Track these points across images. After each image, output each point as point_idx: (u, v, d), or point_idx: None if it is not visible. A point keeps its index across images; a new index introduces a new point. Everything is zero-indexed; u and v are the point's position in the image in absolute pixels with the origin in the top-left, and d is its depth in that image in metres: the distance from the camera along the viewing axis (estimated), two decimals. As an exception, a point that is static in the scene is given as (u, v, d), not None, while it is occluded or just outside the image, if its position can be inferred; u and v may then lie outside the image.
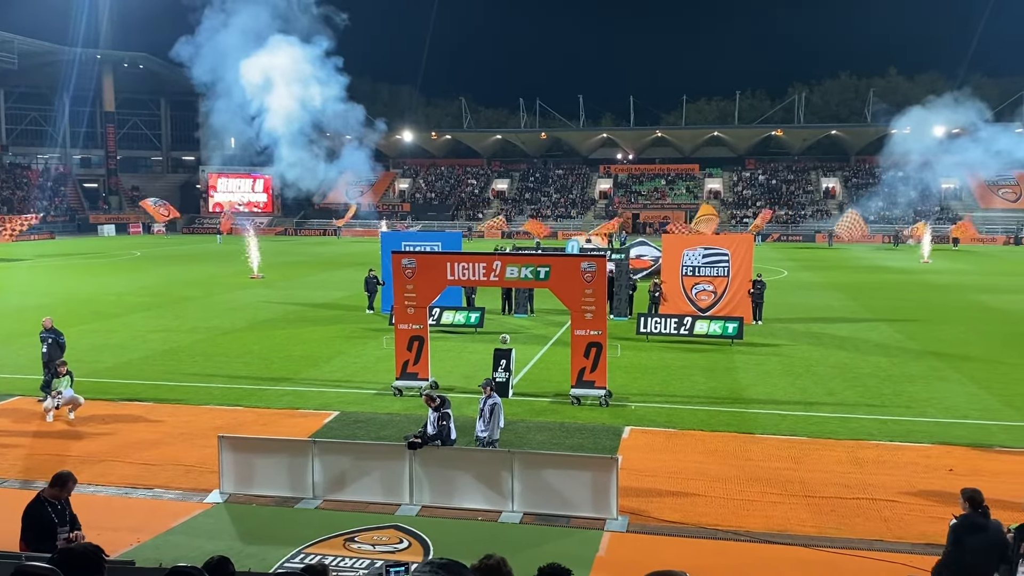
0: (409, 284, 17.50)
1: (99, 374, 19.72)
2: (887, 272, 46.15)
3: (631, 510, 11.46)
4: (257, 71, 53.92)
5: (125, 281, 40.04)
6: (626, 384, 18.70)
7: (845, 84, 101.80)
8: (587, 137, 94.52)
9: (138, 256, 56.46)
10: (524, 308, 29.09)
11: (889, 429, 15.48)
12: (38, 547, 7.80)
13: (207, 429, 14.98)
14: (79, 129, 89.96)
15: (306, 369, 20.56)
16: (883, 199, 78.97)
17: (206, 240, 73.37)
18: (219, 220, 78.72)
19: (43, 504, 8.27)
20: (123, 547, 10.15)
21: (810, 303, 32.59)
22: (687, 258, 27.36)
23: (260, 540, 10.71)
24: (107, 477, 12.96)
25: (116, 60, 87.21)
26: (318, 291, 36.16)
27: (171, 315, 29.06)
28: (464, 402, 16.35)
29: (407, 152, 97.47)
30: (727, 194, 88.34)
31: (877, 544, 10.56)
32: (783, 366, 20.96)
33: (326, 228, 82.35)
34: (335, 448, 12.43)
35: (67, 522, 8.39)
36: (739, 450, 14.29)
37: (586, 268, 16.54)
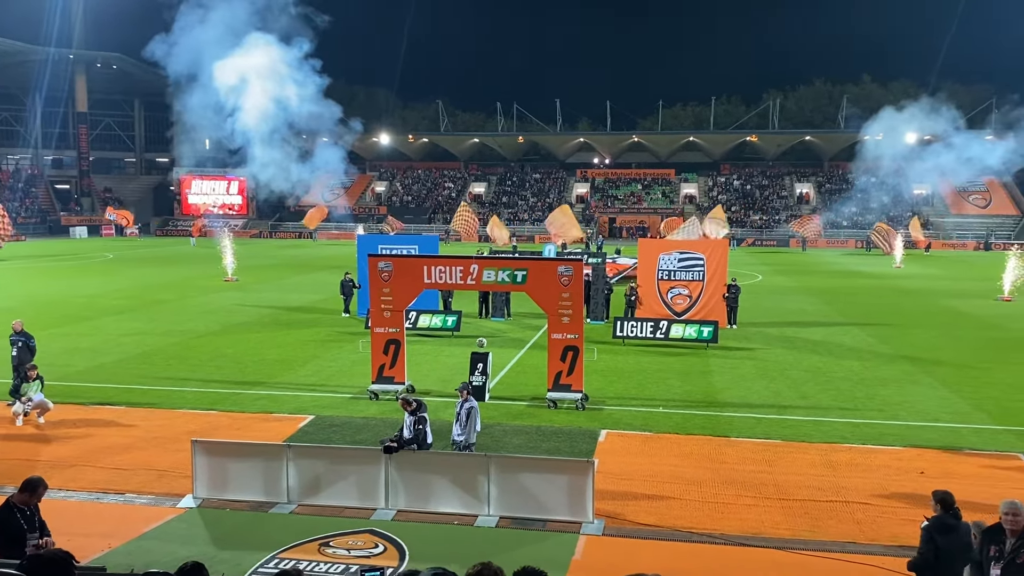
0: (385, 287, 17.45)
1: (70, 378, 19.47)
2: (860, 277, 46.66)
3: (607, 513, 11.48)
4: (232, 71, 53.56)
5: (97, 284, 39.57)
6: (602, 388, 18.75)
7: (819, 91, 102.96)
8: (564, 141, 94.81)
9: (111, 258, 55.84)
10: (501, 312, 29.10)
11: (862, 432, 15.64)
12: (7, 554, 7.67)
13: (180, 433, 14.83)
14: (51, 130, 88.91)
15: (281, 373, 20.42)
16: (856, 204, 79.87)
17: (180, 242, 72.74)
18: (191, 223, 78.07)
19: (12, 510, 8.14)
20: (94, 553, 10.03)
21: (784, 307, 32.87)
22: (663, 262, 27.51)
23: (234, 545, 10.62)
24: (78, 482, 12.79)
25: (89, 60, 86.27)
26: (293, 294, 35.94)
27: (144, 318, 28.76)
28: (441, 406, 16.33)
29: (384, 155, 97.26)
30: (702, 199, 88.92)
31: (850, 546, 10.67)
32: (757, 370, 21.11)
33: (301, 231, 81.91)
34: (310, 452, 12.35)
35: (37, 528, 8.26)
36: (714, 453, 14.37)
37: (563, 272, 16.57)
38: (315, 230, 79.80)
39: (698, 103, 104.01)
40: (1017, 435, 15.55)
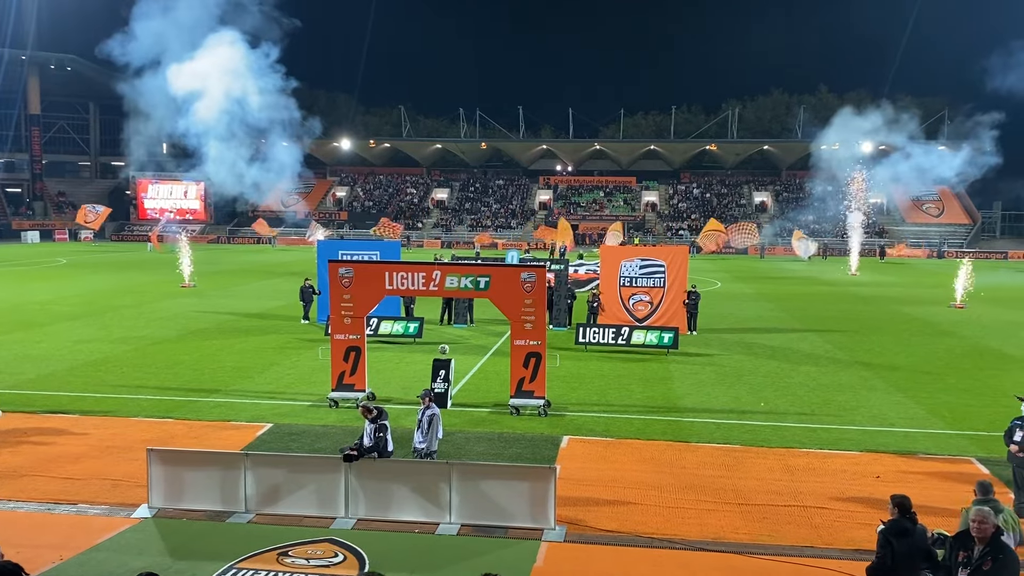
0: (346, 294, 17.31)
1: (21, 386, 19.02)
2: (816, 284, 47.38)
3: (569, 519, 11.49)
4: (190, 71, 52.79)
5: (50, 289, 38.73)
6: (564, 394, 18.78)
7: (777, 100, 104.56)
8: (527, 148, 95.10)
9: (64, 264, 54.70)
10: (463, 318, 29.04)
11: (819, 437, 15.85)
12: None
13: (135, 442, 14.57)
14: (3, 132, 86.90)
15: (238, 380, 20.14)
16: (812, 213, 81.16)
17: (136, 248, 71.52)
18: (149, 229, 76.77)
19: None
20: (45, 565, 9.80)
21: (743, 314, 33.25)
22: (624, 269, 27.67)
23: (190, 555, 10.43)
24: (28, 492, 12.48)
25: (43, 62, 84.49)
26: (251, 300, 35.51)
27: (98, 325, 28.20)
28: (402, 413, 16.23)
29: (345, 160, 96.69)
30: (663, 207, 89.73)
31: (807, 550, 10.79)
32: (717, 375, 21.31)
33: (260, 237, 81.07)
34: (268, 461, 12.18)
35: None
36: (674, 458, 14.46)
37: (526, 278, 16.59)
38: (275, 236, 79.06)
39: (659, 112, 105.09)
40: (970, 439, 15.87)
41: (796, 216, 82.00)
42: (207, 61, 52.75)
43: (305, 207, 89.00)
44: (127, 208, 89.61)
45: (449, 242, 79.29)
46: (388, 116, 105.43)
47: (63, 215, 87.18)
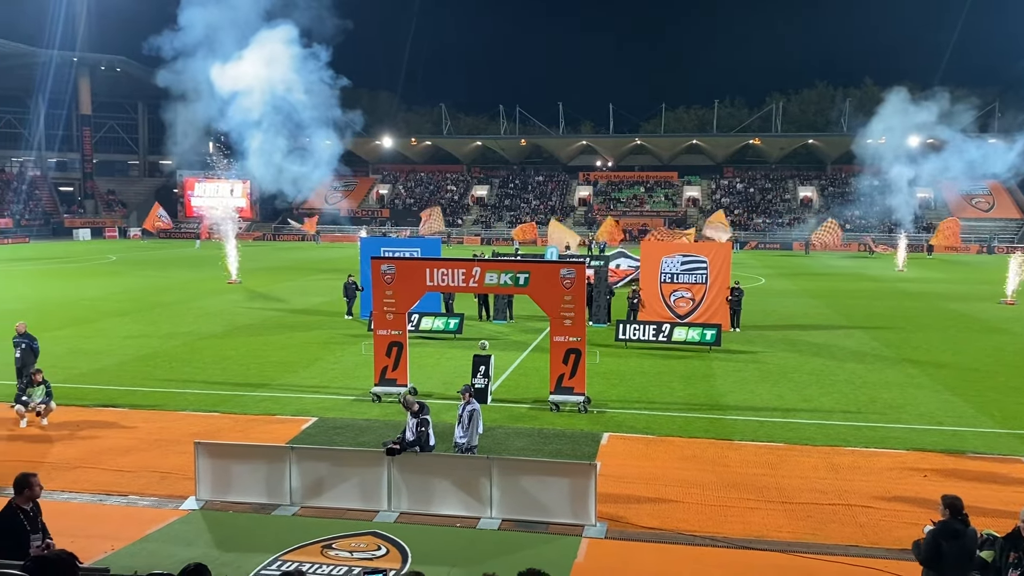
0: (388, 290, 17.46)
1: (73, 380, 19.51)
2: (863, 280, 46.62)
3: (609, 516, 11.48)
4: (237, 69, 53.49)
5: (101, 286, 39.63)
6: (605, 390, 18.75)
7: (822, 93, 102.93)
8: (567, 144, 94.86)
9: (114, 260, 55.91)
10: (503, 314, 29.11)
11: (864, 435, 15.63)
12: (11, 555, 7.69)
13: (183, 435, 14.86)
14: (55, 132, 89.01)
15: (284, 375, 20.44)
16: (859, 208, 79.82)
17: (183, 245, 72.84)
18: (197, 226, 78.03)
19: (15, 512, 8.16)
20: (97, 554, 10.05)
21: (787, 310, 32.85)
22: (665, 265, 27.50)
23: (236, 547, 10.63)
24: (81, 484, 12.82)
25: (93, 63, 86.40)
26: (296, 297, 35.97)
27: (147, 320, 28.80)
28: (443, 408, 16.34)
29: (386, 158, 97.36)
30: (705, 202, 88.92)
31: (852, 549, 10.66)
32: (760, 373, 21.10)
33: (304, 234, 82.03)
34: (313, 454, 12.36)
35: (40, 529, 8.28)
36: (717, 456, 14.37)
37: (565, 275, 16.58)
38: (317, 233, 79.89)
39: (701, 106, 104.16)
40: (1020, 439, 15.53)
41: (842, 211, 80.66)
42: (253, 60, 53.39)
43: (348, 205, 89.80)
44: (174, 206, 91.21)
45: (489, 239, 79.47)
46: (429, 114, 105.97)
47: (113, 213, 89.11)
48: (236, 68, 53.35)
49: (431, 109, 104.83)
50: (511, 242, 67.07)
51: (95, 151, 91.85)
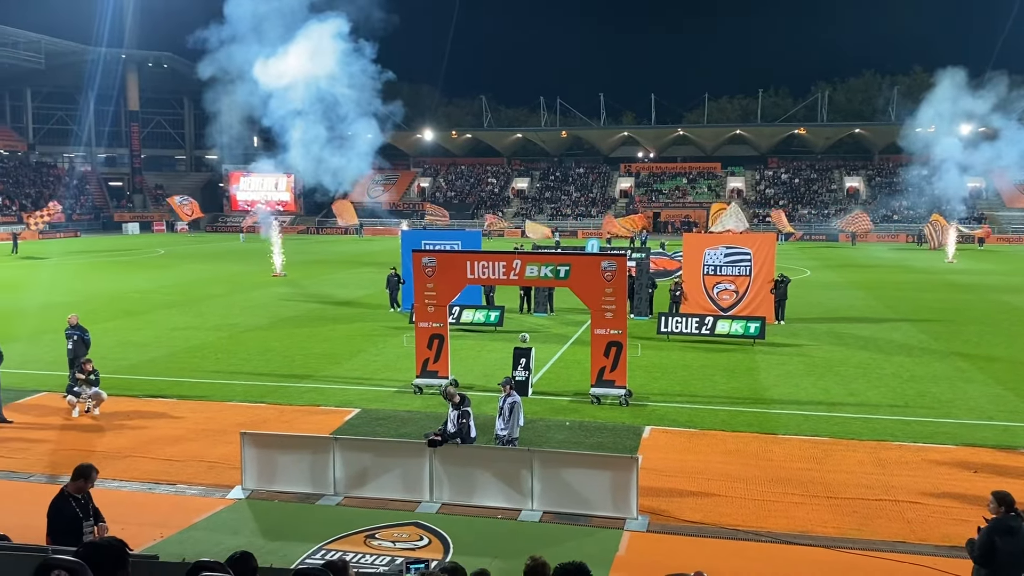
0: (430, 283, 17.55)
1: (123, 371, 19.93)
2: (911, 272, 45.73)
3: (651, 510, 11.43)
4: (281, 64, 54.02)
5: (149, 279, 40.43)
6: (646, 384, 18.65)
7: (869, 82, 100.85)
8: (608, 136, 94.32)
9: (162, 254, 56.99)
10: (543, 307, 29.09)
11: (912, 430, 15.34)
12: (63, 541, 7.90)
13: (229, 425, 15.11)
14: (104, 128, 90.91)
15: (327, 367, 20.68)
16: (907, 198, 78.20)
17: (229, 238, 73.94)
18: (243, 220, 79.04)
19: (67, 499, 8.37)
20: (147, 542, 10.26)
21: (833, 303, 32.36)
22: (708, 257, 27.23)
23: (282, 536, 10.79)
24: (131, 472, 13.10)
25: (140, 59, 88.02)
26: (339, 289, 36.34)
27: (194, 313, 29.32)
28: (484, 400, 16.39)
29: (427, 151, 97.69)
30: (749, 193, 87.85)
31: (899, 546, 10.48)
32: (805, 366, 20.82)
33: (347, 227, 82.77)
34: (356, 445, 12.49)
35: (91, 516, 8.48)
36: (761, 450, 14.22)
37: (606, 267, 16.51)
38: (360, 226, 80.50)
39: (745, 96, 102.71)
40: (1076, 434, 15.12)
41: (889, 201, 79.15)
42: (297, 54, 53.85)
43: (389, 198, 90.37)
44: (220, 200, 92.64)
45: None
46: (469, 107, 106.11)
47: (161, 207, 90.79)
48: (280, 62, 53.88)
49: (471, 102, 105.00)
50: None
51: (143, 146, 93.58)
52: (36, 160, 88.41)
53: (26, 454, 14.01)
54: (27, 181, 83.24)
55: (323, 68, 54.13)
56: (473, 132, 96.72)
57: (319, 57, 53.42)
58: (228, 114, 65.21)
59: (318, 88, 55.31)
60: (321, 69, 54.13)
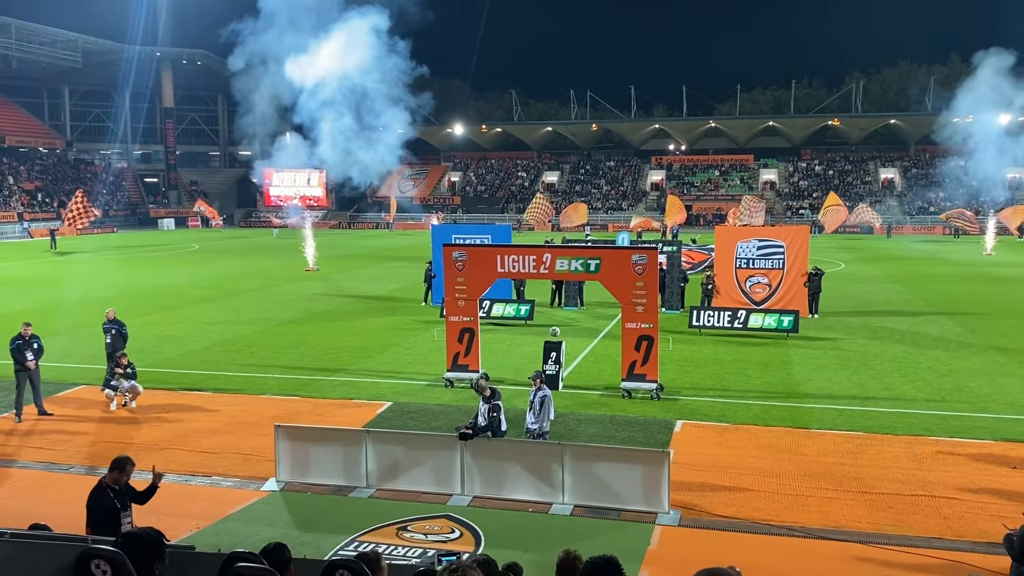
0: (460, 277, 17.60)
1: (160, 364, 20.24)
2: (947, 264, 45.00)
3: (683, 504, 11.39)
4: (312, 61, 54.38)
5: (185, 274, 40.98)
6: (678, 378, 18.57)
7: (905, 72, 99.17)
8: (639, 128, 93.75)
9: (196, 249, 57.70)
10: (574, 301, 29.04)
11: (949, 425, 15.12)
12: (102, 532, 8.05)
13: (264, 418, 15.29)
14: (139, 125, 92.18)
15: (360, 360, 20.83)
16: (944, 189, 76.91)
17: (262, 233, 74.65)
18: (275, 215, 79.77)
19: (105, 490, 8.52)
20: (183, 532, 10.42)
21: (867, 296, 31.95)
22: (741, 250, 27.00)
23: (315, 528, 10.91)
24: (168, 464, 13.25)
25: (175, 57, 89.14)
26: (371, 284, 36.57)
27: (229, 307, 29.67)
28: (514, 394, 16.41)
29: (458, 145, 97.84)
30: (782, 185, 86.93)
31: (936, 542, 10.34)
32: (840, 360, 20.59)
33: (378, 222, 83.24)
34: (388, 438, 12.58)
35: (129, 507, 8.63)
36: (794, 445, 14.10)
37: (637, 260, 16.44)
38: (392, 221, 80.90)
39: (778, 87, 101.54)
40: (1119, 430, 14.80)
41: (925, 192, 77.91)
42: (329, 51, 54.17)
43: (420, 193, 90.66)
44: (254, 196, 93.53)
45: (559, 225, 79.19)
46: (499, 101, 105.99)
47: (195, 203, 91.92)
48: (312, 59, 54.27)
49: (501, 95, 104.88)
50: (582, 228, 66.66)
51: (177, 143, 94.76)
52: (74, 157, 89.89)
53: (66, 446, 14.29)
54: (65, 178, 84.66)
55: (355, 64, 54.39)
56: (503, 126, 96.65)
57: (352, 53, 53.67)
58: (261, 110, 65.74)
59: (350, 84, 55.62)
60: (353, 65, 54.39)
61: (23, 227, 70.63)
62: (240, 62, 58.58)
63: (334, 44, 54.07)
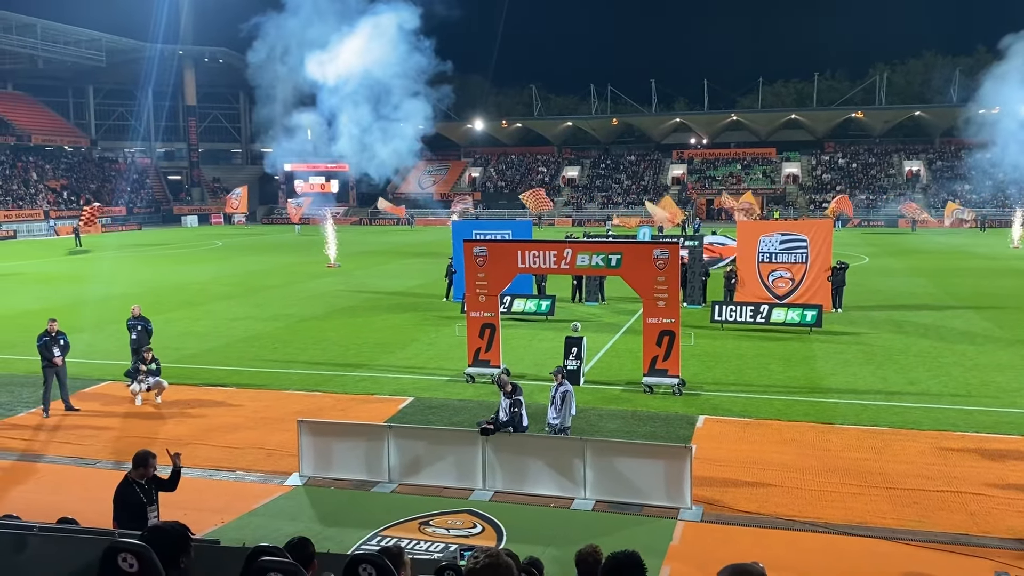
0: (481, 272, 17.61)
1: (184, 360, 20.41)
2: (973, 258, 44.47)
3: (705, 500, 11.35)
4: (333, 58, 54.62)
5: (208, 270, 41.30)
6: (700, 373, 18.49)
7: (929, 63, 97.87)
8: (659, 122, 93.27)
9: (220, 246, 58.12)
10: (595, 296, 28.98)
11: (975, 420, 14.96)
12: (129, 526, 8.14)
13: (287, 414, 15.38)
14: (162, 123, 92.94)
15: (381, 356, 20.91)
16: (970, 182, 75.97)
17: (284, 230, 75.07)
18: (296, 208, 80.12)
19: (131, 485, 8.62)
20: (208, 527, 10.53)
21: (892, 290, 31.65)
22: (764, 244, 26.82)
23: (338, 522, 10.97)
24: (192, 459, 13.40)
25: (197, 55, 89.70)
26: (392, 279, 36.68)
27: (251, 303, 29.88)
28: (536, 389, 16.42)
29: (478, 141, 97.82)
30: (805, 178, 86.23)
31: (962, 538, 10.24)
32: (864, 355, 20.42)
33: (399, 218, 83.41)
34: (410, 433, 12.63)
35: (155, 501, 8.73)
36: (817, 440, 14.01)
37: (658, 255, 16.37)
38: (411, 217, 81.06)
39: (800, 79, 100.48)
40: None
41: (951, 185, 76.95)
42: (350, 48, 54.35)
43: (440, 188, 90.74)
44: (275, 192, 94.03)
45: (580, 220, 79.09)
46: (519, 96, 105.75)
47: (218, 200, 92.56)
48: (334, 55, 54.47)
49: (521, 90, 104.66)
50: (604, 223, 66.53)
51: (200, 141, 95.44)
52: (99, 155, 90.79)
53: (93, 441, 14.47)
54: (90, 176, 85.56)
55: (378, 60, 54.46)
56: (523, 121, 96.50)
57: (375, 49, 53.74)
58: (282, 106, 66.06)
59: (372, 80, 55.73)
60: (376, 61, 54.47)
61: (49, 225, 71.47)
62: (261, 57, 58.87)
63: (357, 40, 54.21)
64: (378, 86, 56.84)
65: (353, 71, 55.74)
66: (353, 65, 55.37)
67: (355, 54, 54.83)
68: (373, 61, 54.91)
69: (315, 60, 54.91)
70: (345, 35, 54.87)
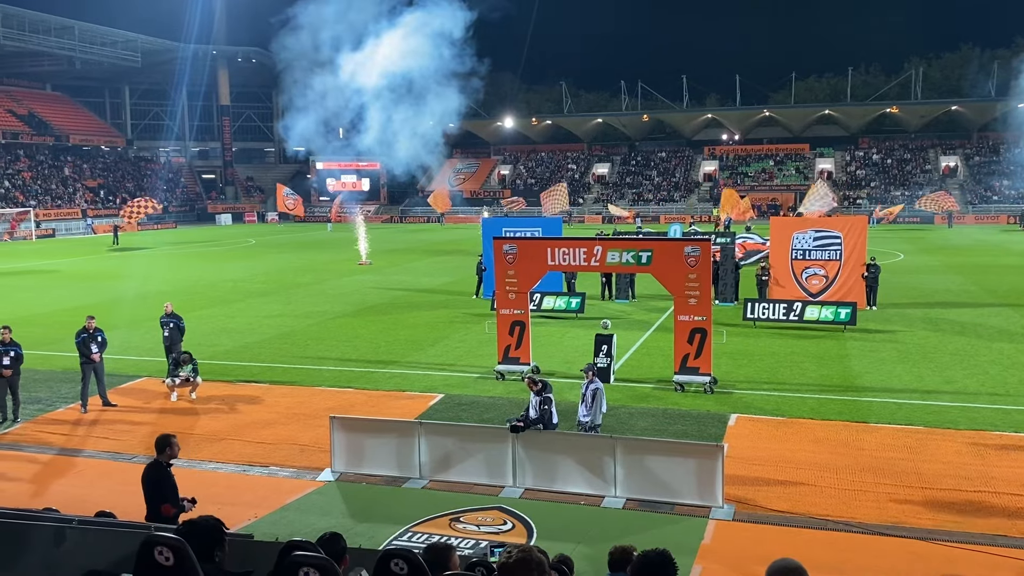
0: (510, 270, 17.62)
1: (218, 357, 20.66)
2: (1012, 255, 43.66)
3: (738, 499, 11.27)
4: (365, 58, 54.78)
5: (241, 268, 41.75)
6: (732, 371, 18.35)
7: (966, 56, 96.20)
8: (691, 119, 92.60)
9: (253, 244, 58.74)
10: (625, 293, 28.86)
11: (1014, 419, 14.70)
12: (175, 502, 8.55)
13: (319, 410, 15.52)
14: (196, 123, 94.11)
15: (412, 353, 21.02)
16: (1009, 177, 74.59)
17: (316, 228, 75.65)
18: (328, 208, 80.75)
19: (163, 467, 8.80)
20: (242, 521, 10.64)
21: (928, 287, 31.18)
22: (797, 241, 26.53)
23: (370, 518, 11.06)
24: (226, 455, 13.60)
25: (230, 55, 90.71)
26: (423, 277, 36.84)
27: (284, 301, 30.16)
28: (566, 387, 16.40)
29: (507, 139, 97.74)
30: (839, 174, 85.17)
31: (1000, 540, 10.07)
32: (899, 353, 20.15)
33: (429, 216, 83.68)
34: (441, 430, 12.69)
35: None
36: (851, 439, 13.85)
37: (689, 252, 16.27)
38: (443, 214, 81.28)
39: (834, 74, 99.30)
40: None
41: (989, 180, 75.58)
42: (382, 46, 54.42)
43: (470, 186, 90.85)
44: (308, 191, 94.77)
45: (610, 217, 78.80)
46: (549, 93, 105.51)
47: (252, 199, 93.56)
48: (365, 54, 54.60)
49: (551, 88, 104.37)
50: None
51: (234, 140, 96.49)
52: (134, 155, 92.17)
53: (129, 436, 14.69)
54: (126, 175, 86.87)
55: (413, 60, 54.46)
56: (553, 118, 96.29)
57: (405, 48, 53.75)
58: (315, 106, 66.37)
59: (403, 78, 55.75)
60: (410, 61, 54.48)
61: (87, 223, 72.71)
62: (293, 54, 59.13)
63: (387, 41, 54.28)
64: (412, 85, 56.91)
65: (387, 70, 55.82)
66: (387, 64, 55.45)
67: (390, 53, 54.89)
68: (408, 60, 54.95)
69: (348, 61, 55.09)
70: (379, 37, 54.98)
